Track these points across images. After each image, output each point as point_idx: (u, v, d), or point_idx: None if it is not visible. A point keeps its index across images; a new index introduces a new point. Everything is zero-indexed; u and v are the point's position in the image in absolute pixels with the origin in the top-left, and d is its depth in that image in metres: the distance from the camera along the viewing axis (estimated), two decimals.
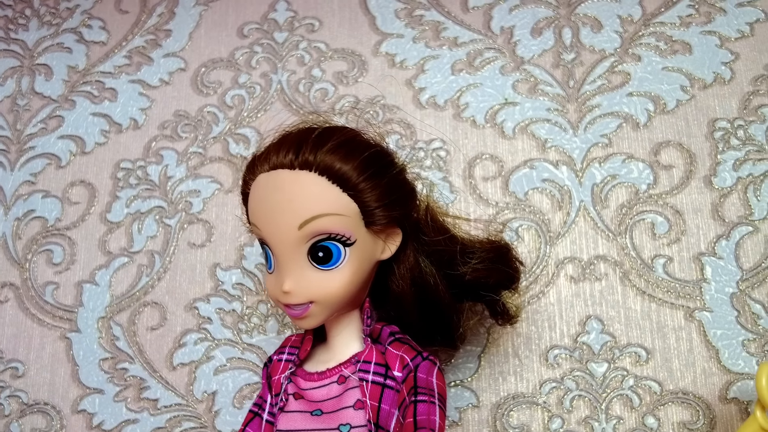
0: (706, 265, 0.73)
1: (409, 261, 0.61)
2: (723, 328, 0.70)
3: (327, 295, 0.56)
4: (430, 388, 0.57)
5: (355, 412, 0.56)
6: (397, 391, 0.57)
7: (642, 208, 0.75)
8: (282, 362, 0.63)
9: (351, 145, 0.57)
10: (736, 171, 0.75)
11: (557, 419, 0.70)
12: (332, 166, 0.55)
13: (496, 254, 0.63)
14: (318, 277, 0.56)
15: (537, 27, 0.84)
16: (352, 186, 0.55)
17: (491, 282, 0.62)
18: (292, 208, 0.55)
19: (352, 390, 0.57)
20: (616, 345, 0.71)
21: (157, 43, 0.92)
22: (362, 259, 0.57)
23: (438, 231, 0.62)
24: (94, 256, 0.84)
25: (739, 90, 0.78)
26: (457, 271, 0.61)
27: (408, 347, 0.59)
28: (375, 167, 0.57)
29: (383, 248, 0.59)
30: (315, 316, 0.58)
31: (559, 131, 0.79)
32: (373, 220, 0.57)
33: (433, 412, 0.55)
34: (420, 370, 0.57)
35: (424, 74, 0.84)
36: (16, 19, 0.97)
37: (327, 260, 0.56)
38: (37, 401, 0.79)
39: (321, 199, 0.55)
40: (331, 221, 0.55)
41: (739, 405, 0.68)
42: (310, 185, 0.55)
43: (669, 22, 0.82)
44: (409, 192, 0.61)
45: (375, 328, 0.61)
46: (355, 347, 0.60)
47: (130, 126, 0.89)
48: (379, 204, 0.56)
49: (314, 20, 0.90)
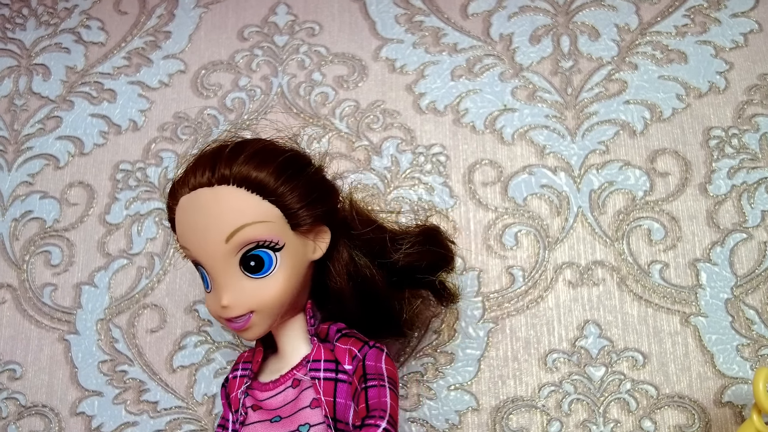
0: (702, 271, 0.74)
1: (343, 257, 0.63)
2: (718, 333, 0.72)
3: (265, 302, 0.58)
4: (380, 373, 0.58)
5: (312, 411, 0.58)
6: (349, 384, 0.59)
7: (639, 215, 0.77)
8: (237, 378, 0.65)
9: (264, 153, 0.58)
10: (730, 179, 0.77)
11: (556, 422, 0.71)
12: (248, 175, 0.57)
13: (426, 237, 0.64)
14: (254, 286, 0.57)
15: (535, 34, 0.85)
16: (271, 191, 0.57)
17: (425, 264, 0.64)
18: (217, 224, 0.56)
19: (307, 390, 0.59)
20: (613, 349, 0.72)
21: (156, 45, 0.92)
22: (294, 262, 0.59)
23: (365, 223, 0.63)
24: (93, 257, 0.83)
25: (733, 99, 0.80)
26: (389, 258, 0.62)
27: (355, 339, 0.61)
28: (291, 170, 0.58)
29: (314, 248, 0.61)
30: (257, 325, 0.59)
31: (558, 138, 0.80)
32: (298, 221, 0.58)
33: (383, 395, 0.57)
34: (368, 358, 0.59)
35: (424, 79, 0.85)
36: (14, 19, 0.96)
37: (259, 268, 0.57)
38: (35, 403, 0.79)
39: (243, 209, 0.56)
40: (257, 229, 0.56)
41: (734, 409, 0.69)
42: (230, 198, 0.57)
43: (665, 32, 0.84)
44: (329, 189, 0.63)
45: (322, 328, 0.62)
46: (304, 350, 0.62)
47: (130, 127, 0.89)
48: (301, 204, 0.58)
49: (314, 24, 0.90)
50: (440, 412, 0.72)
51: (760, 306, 0.72)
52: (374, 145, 0.83)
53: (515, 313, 0.75)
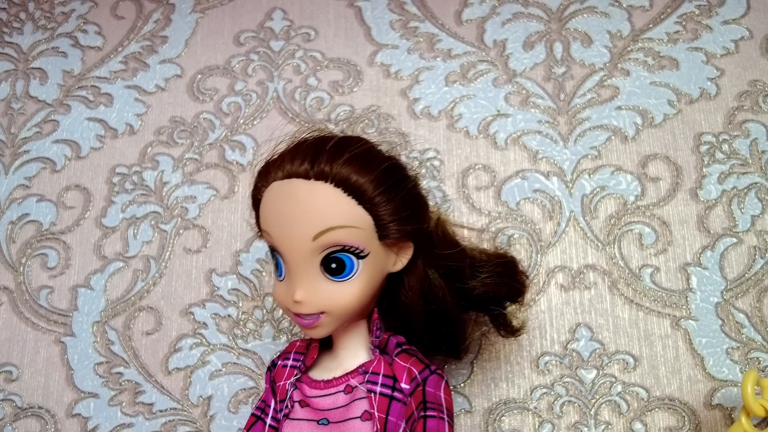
0: (692, 275, 0.75)
1: (419, 273, 0.61)
2: (708, 337, 0.73)
3: (339, 306, 0.57)
4: (439, 403, 0.57)
5: (362, 424, 0.57)
6: (404, 404, 0.57)
7: (630, 219, 0.78)
8: (287, 368, 0.63)
9: (367, 157, 0.57)
10: (721, 184, 0.78)
11: (548, 424, 0.72)
12: (348, 178, 0.55)
13: (504, 268, 0.63)
14: (330, 288, 0.56)
15: (529, 41, 0.86)
16: (367, 199, 0.55)
17: (499, 296, 0.63)
18: (307, 219, 0.55)
19: (360, 401, 0.58)
20: (604, 352, 0.73)
21: (153, 49, 0.93)
22: (374, 272, 0.58)
23: (448, 245, 0.62)
24: (89, 260, 0.84)
25: (724, 105, 0.81)
26: (466, 284, 0.61)
27: (416, 359, 0.59)
28: (391, 181, 0.57)
29: (395, 261, 0.60)
30: (325, 326, 0.58)
31: (550, 143, 0.81)
32: (387, 233, 0.57)
33: (442, 428, 0.56)
34: (429, 384, 0.58)
35: (419, 85, 0.86)
36: (11, 23, 0.97)
37: (340, 272, 0.56)
38: (31, 405, 0.80)
39: (336, 211, 0.55)
40: (346, 234, 0.55)
41: (724, 411, 0.70)
42: (326, 197, 0.55)
43: (657, 38, 0.85)
44: (422, 205, 0.61)
45: (382, 339, 0.61)
46: (362, 357, 0.61)
47: (126, 131, 0.89)
48: (394, 218, 0.56)
49: (310, 30, 0.91)
50: None
51: (749, 310, 0.73)
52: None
53: None
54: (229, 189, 0.84)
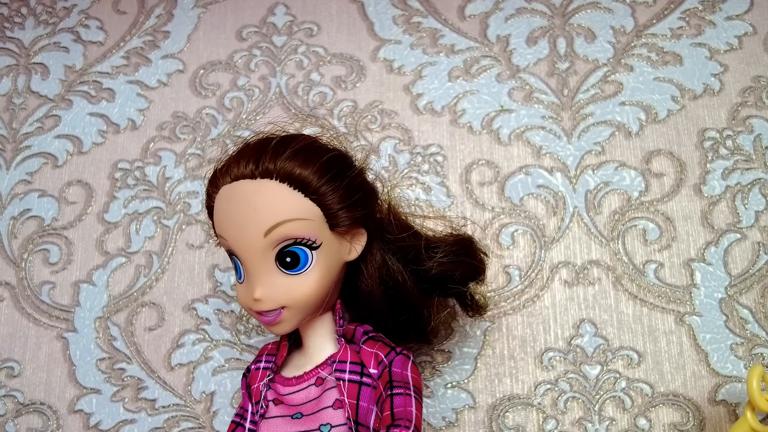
0: (696, 271, 0.75)
1: (376, 260, 0.62)
2: (712, 332, 0.73)
3: (297, 299, 0.58)
4: (405, 381, 0.58)
5: (335, 412, 0.58)
6: (374, 388, 0.59)
7: (634, 215, 0.77)
8: (260, 370, 0.64)
9: (309, 151, 0.58)
10: (724, 180, 0.78)
11: (552, 420, 0.71)
12: (292, 171, 0.56)
13: (460, 247, 0.64)
14: (287, 282, 0.57)
15: (532, 36, 0.86)
16: (313, 190, 0.57)
17: (457, 274, 0.64)
18: (257, 217, 0.56)
19: (330, 390, 0.59)
20: (608, 348, 0.73)
21: (155, 45, 0.92)
22: (329, 262, 0.59)
23: (402, 228, 0.63)
24: (92, 256, 0.84)
25: (728, 101, 0.81)
26: (423, 266, 0.62)
27: (381, 344, 0.61)
28: (334, 170, 0.58)
29: (349, 249, 0.61)
30: (287, 321, 0.59)
31: (554, 138, 0.81)
32: (337, 222, 0.58)
33: (409, 404, 0.57)
34: (394, 365, 0.59)
35: (422, 80, 0.86)
36: (12, 18, 0.97)
37: (295, 265, 0.57)
38: (33, 401, 0.79)
39: (284, 205, 0.56)
40: (296, 226, 0.56)
41: (728, 407, 0.70)
42: (273, 192, 0.56)
43: (660, 34, 0.84)
44: (369, 192, 0.62)
45: (348, 329, 0.62)
46: (330, 349, 0.62)
47: (128, 126, 0.89)
48: (342, 206, 0.58)
49: (313, 25, 0.91)
50: (437, 410, 0.73)
51: (753, 305, 0.73)
52: (372, 145, 0.83)
53: (512, 311, 0.75)
54: None
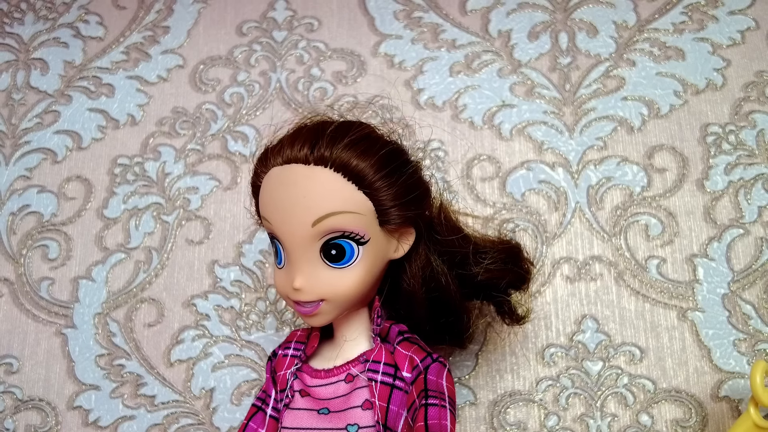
0: (699, 267, 0.74)
1: (421, 260, 0.60)
2: (715, 328, 0.72)
3: (339, 293, 0.56)
4: (441, 391, 0.56)
5: (363, 412, 0.56)
6: (405, 392, 0.57)
7: (636, 210, 0.77)
8: (288, 357, 0.62)
9: (367, 142, 0.56)
10: (727, 175, 0.77)
11: (553, 416, 0.71)
12: (348, 162, 0.54)
13: (508, 255, 0.62)
14: (330, 275, 0.56)
15: (534, 31, 0.86)
16: (368, 184, 0.55)
17: (504, 282, 0.62)
18: (307, 205, 0.54)
19: (361, 389, 0.57)
20: (610, 344, 0.73)
21: (155, 40, 0.92)
22: (375, 258, 0.57)
23: (451, 230, 0.61)
24: (91, 251, 0.83)
25: (730, 96, 0.80)
26: (469, 271, 0.60)
27: (417, 347, 0.59)
28: (391, 165, 0.56)
29: (396, 247, 0.59)
30: (325, 314, 0.57)
31: (556, 134, 0.81)
32: (388, 219, 0.56)
33: (444, 417, 0.55)
34: (430, 372, 0.57)
35: (423, 75, 0.85)
36: (12, 13, 0.96)
37: (340, 258, 0.55)
38: (32, 397, 0.79)
39: (336, 196, 0.54)
40: (346, 219, 0.54)
41: (731, 403, 0.70)
42: (326, 182, 0.54)
43: (663, 29, 0.84)
44: (424, 191, 0.60)
45: (383, 327, 0.60)
46: (364, 346, 0.60)
47: (128, 122, 0.88)
48: (395, 203, 0.56)
49: (313, 20, 0.90)
50: None
51: (756, 301, 0.73)
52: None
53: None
54: (231, 180, 0.84)
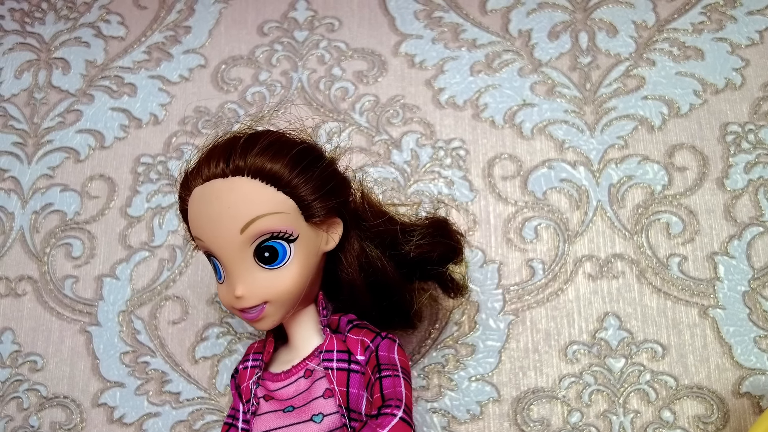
0: (719, 264, 0.75)
1: (354, 248, 0.63)
2: (735, 325, 0.73)
3: (279, 293, 0.58)
4: (393, 363, 0.59)
5: (326, 401, 0.59)
6: (362, 374, 0.60)
7: (657, 209, 0.78)
8: (248, 369, 0.65)
9: (278, 145, 0.59)
10: (747, 173, 0.78)
11: (576, 413, 0.72)
12: (263, 167, 0.57)
13: (436, 228, 0.65)
14: (267, 277, 0.58)
15: (554, 30, 0.86)
16: (285, 183, 0.57)
17: (435, 256, 0.64)
18: (231, 214, 0.57)
19: (320, 381, 0.60)
20: (633, 341, 0.73)
21: (176, 40, 0.93)
22: (308, 253, 0.59)
23: (376, 215, 0.64)
24: (115, 250, 0.84)
25: (749, 95, 0.81)
26: (401, 250, 0.63)
27: (367, 330, 0.62)
28: (305, 162, 0.59)
29: (326, 239, 0.61)
30: (271, 315, 0.60)
31: (577, 132, 0.81)
32: (312, 212, 0.59)
33: (398, 384, 0.58)
34: (381, 349, 0.60)
35: (444, 75, 0.86)
36: (33, 13, 0.97)
37: (273, 259, 0.58)
38: (56, 395, 0.80)
39: (257, 200, 0.57)
40: (271, 220, 0.57)
41: (752, 399, 0.70)
42: (245, 189, 0.57)
43: (682, 29, 0.85)
44: (341, 181, 0.63)
45: (333, 320, 0.63)
46: (316, 340, 0.63)
47: (150, 121, 0.89)
48: (315, 196, 0.58)
49: (334, 20, 0.91)
50: (461, 402, 0.73)
51: None
52: (394, 140, 0.83)
53: (535, 305, 0.76)
54: None
